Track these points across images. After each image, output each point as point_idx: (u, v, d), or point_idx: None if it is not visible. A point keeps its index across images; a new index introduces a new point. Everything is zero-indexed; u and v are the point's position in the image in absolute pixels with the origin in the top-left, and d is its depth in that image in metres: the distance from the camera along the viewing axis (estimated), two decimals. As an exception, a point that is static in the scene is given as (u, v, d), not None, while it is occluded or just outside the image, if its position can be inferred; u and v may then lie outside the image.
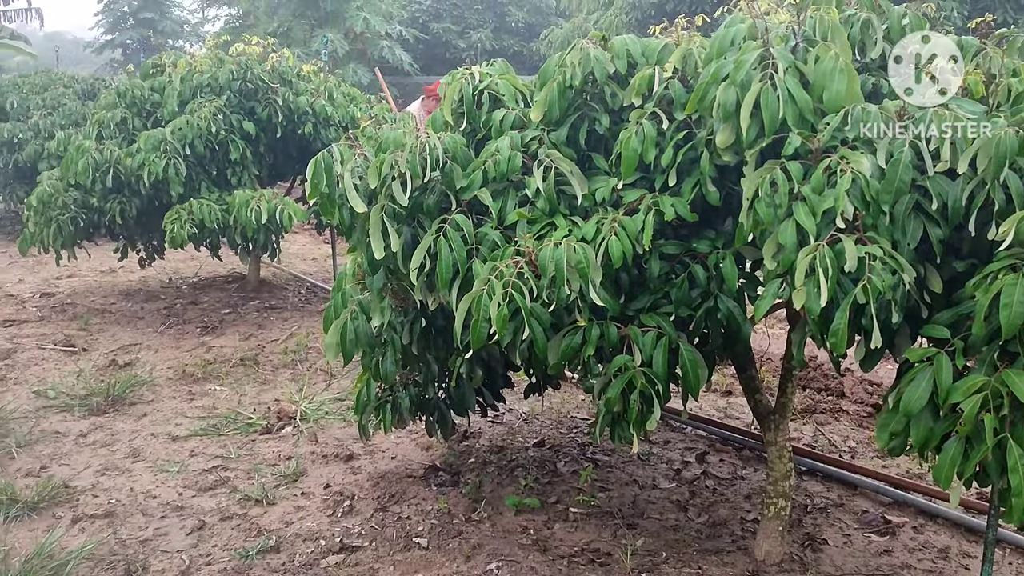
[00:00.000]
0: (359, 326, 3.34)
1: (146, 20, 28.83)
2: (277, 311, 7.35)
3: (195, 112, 6.46)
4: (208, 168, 6.56)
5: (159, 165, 6.17)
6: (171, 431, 4.80)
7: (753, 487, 4.17)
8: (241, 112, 6.69)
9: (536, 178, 2.78)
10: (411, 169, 2.76)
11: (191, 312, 7.27)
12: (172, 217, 6.17)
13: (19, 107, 10.52)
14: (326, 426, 4.89)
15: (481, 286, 2.61)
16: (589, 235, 2.66)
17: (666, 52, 2.85)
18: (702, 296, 2.72)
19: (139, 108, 6.82)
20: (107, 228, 6.81)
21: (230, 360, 6.01)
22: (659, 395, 2.67)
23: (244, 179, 6.67)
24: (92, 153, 6.32)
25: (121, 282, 8.40)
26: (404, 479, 4.20)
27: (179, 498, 4.02)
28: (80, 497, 4.02)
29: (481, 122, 3.10)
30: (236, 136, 6.55)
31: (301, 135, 6.89)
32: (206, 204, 6.21)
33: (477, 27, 23.09)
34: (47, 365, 5.92)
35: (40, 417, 4.97)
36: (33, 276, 8.56)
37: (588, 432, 4.86)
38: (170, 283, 8.36)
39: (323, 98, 6.99)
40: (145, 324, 6.92)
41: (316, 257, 9.69)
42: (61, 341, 6.37)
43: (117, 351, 6.22)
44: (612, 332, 2.67)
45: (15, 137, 9.90)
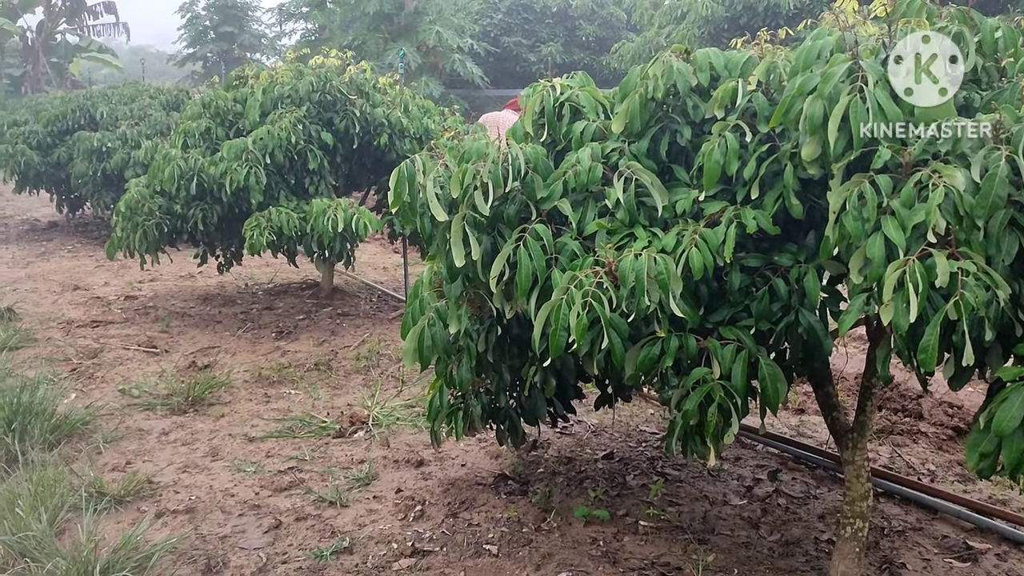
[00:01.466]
0: (436, 333, 3.39)
1: (226, 34, 29.75)
2: (349, 318, 7.49)
3: (276, 122, 6.65)
4: (287, 177, 6.74)
5: (240, 173, 6.36)
6: (248, 432, 4.93)
7: (827, 507, 4.09)
8: (320, 123, 6.86)
9: (616, 189, 2.79)
10: (493, 179, 2.80)
11: (266, 317, 7.46)
12: (252, 224, 6.34)
13: (108, 117, 10.97)
14: (397, 432, 4.96)
15: (560, 295, 2.63)
16: (669, 246, 2.67)
17: (749, 65, 2.85)
18: (783, 310, 2.69)
19: (222, 118, 7.05)
20: (189, 234, 7.04)
21: (304, 365, 6.15)
22: (737, 409, 2.65)
23: (321, 188, 6.83)
24: (177, 161, 6.56)
25: (200, 287, 8.67)
26: (474, 486, 4.24)
27: (256, 497, 4.13)
28: (163, 493, 4.16)
29: (561, 133, 3.13)
30: (314, 146, 6.72)
31: (376, 146, 7.03)
32: (284, 212, 6.37)
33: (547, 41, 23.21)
34: (131, 365, 6.14)
35: (125, 415, 5.16)
36: (118, 279, 8.90)
37: (658, 446, 4.83)
38: (246, 289, 8.60)
39: (399, 110, 7.12)
40: (223, 328, 7.13)
41: (387, 266, 9.86)
42: (144, 342, 6.61)
43: (196, 353, 6.42)
44: (691, 344, 2.66)
45: (104, 146, 10.31)
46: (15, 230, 12.08)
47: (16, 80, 29.15)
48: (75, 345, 6.53)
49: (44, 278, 8.97)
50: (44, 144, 11.28)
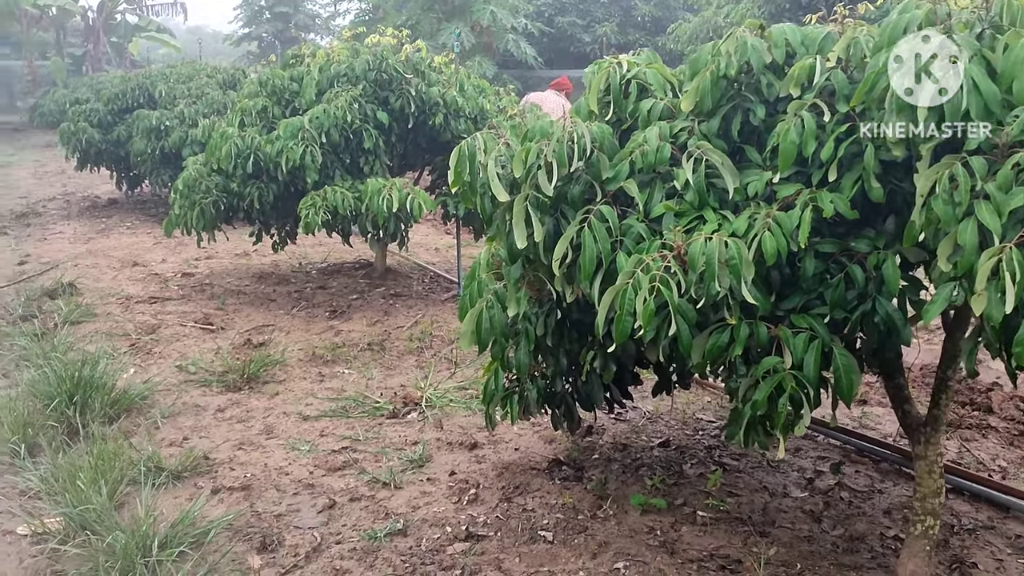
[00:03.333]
0: (494, 316, 3.33)
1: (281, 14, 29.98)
2: (402, 299, 7.48)
3: (332, 101, 6.64)
4: (342, 156, 6.73)
5: (296, 152, 6.36)
6: (302, 411, 4.94)
7: (893, 502, 3.95)
8: (375, 102, 6.83)
9: (685, 170, 2.69)
10: (558, 158, 2.72)
11: (320, 296, 7.48)
12: (307, 203, 6.35)
13: (166, 96, 11.10)
14: (450, 414, 4.93)
15: (626, 279, 2.54)
16: (740, 230, 2.56)
17: (828, 41, 2.71)
18: (859, 298, 2.58)
19: (279, 97, 7.06)
20: (245, 212, 7.08)
21: (357, 344, 6.15)
22: (809, 400, 2.54)
23: (376, 168, 6.81)
24: (235, 140, 6.58)
25: (254, 265, 8.74)
26: (528, 471, 4.19)
27: (310, 476, 4.13)
28: (219, 469, 4.19)
29: (628, 112, 3.04)
30: (370, 125, 6.70)
31: (431, 126, 6.98)
32: (339, 191, 6.36)
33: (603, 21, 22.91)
34: (188, 341, 6.21)
35: (182, 391, 5.21)
36: (175, 256, 9.02)
37: (715, 435, 4.73)
38: (300, 268, 8.65)
39: (454, 89, 7.06)
40: (277, 306, 7.17)
41: (439, 247, 9.83)
42: (200, 319, 6.67)
43: (251, 331, 6.47)
44: (762, 332, 2.56)
45: (162, 124, 10.43)
46: (76, 207, 12.32)
47: (77, 59, 29.72)
48: (133, 320, 6.63)
49: (104, 254, 9.13)
50: (104, 122, 11.46)
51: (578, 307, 3.22)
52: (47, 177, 15.39)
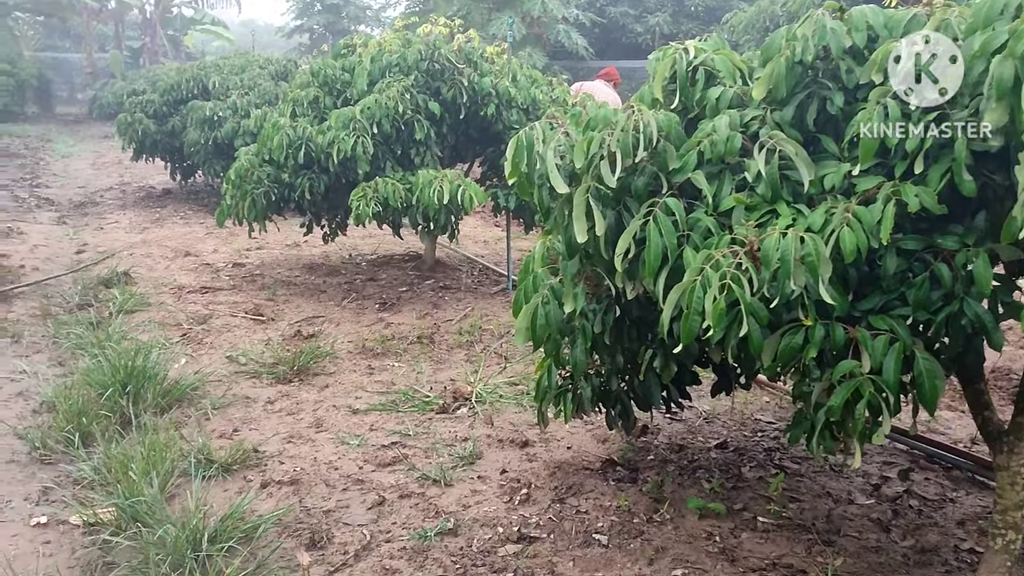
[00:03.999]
0: (550, 312, 3.22)
1: (332, 6, 30.13)
2: (451, 291, 7.41)
3: (383, 91, 6.58)
4: (393, 147, 6.67)
5: (348, 143, 6.32)
6: (351, 404, 4.89)
7: (967, 512, 3.76)
8: (427, 92, 6.76)
9: (758, 161, 2.55)
10: (622, 148, 2.59)
11: (370, 288, 7.45)
12: (358, 195, 6.30)
13: (219, 87, 11.18)
14: (501, 410, 4.84)
15: (694, 276, 2.41)
16: (816, 225, 2.41)
17: (915, 23, 2.54)
18: (944, 298, 2.41)
19: (330, 87, 7.02)
20: (296, 203, 7.07)
21: (407, 337, 6.09)
22: (889, 406, 2.39)
23: (427, 159, 6.74)
24: (286, 130, 6.56)
25: (305, 256, 8.75)
26: (581, 471, 4.08)
27: (359, 471, 4.07)
28: (268, 463, 4.15)
29: (695, 100, 2.90)
30: (421, 116, 6.62)
31: (483, 117, 6.88)
32: (390, 183, 6.30)
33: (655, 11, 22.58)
34: (238, 332, 6.21)
35: (232, 382, 5.20)
36: (226, 247, 9.07)
37: (775, 436, 4.56)
38: (350, 259, 8.63)
39: (506, 79, 6.95)
40: (327, 297, 7.15)
41: (487, 240, 9.75)
42: (251, 310, 6.68)
43: (301, 322, 6.45)
44: (838, 334, 2.41)
45: (215, 115, 10.51)
46: (132, 196, 12.50)
47: (135, 52, 30.28)
48: (185, 310, 6.65)
49: (158, 244, 9.22)
50: (160, 113, 11.60)
51: (638, 304, 3.09)
52: (105, 167, 15.66)
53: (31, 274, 7.69)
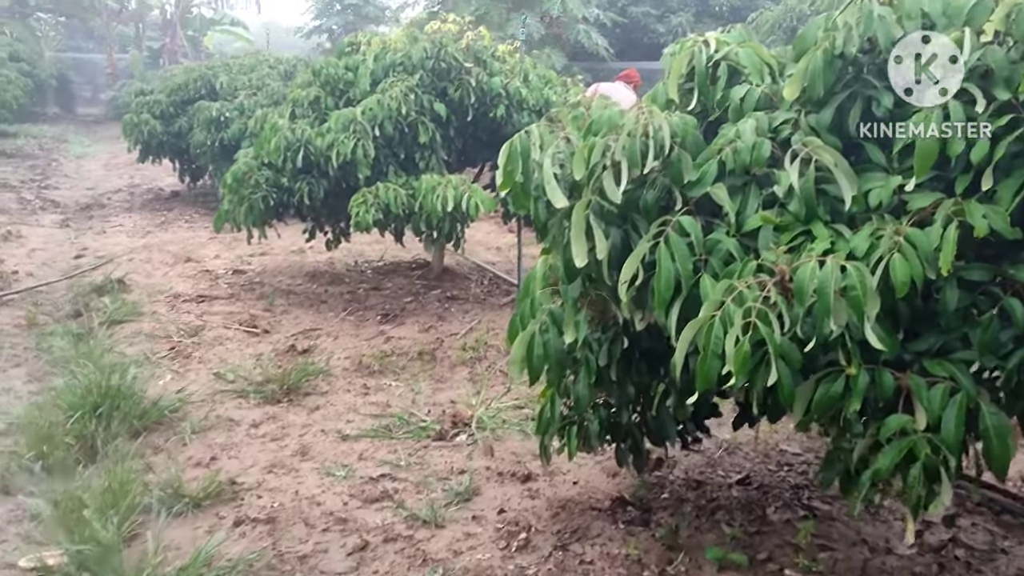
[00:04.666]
0: (549, 341, 2.83)
1: (351, 6, 29.85)
2: (458, 302, 7.03)
3: (386, 91, 6.21)
4: (396, 151, 6.30)
5: (348, 146, 5.96)
6: (342, 429, 4.52)
7: (1022, 565, 3.33)
8: (432, 93, 6.38)
9: (789, 172, 2.15)
10: (628, 156, 2.20)
11: (373, 298, 7.08)
12: (358, 200, 5.94)
13: (227, 87, 10.88)
14: (503, 437, 4.45)
15: (713, 311, 2.02)
16: (860, 251, 2.01)
17: (980, 9, 2.13)
18: (1016, 341, 2.00)
19: (332, 87, 6.67)
20: (296, 208, 6.72)
21: (407, 353, 5.72)
22: (949, 470, 1.98)
23: (432, 163, 6.37)
24: (285, 132, 6.22)
25: (308, 263, 8.40)
26: (587, 511, 3.68)
27: (344, 508, 3.70)
28: (245, 496, 3.79)
29: (715, 100, 2.49)
30: (426, 118, 6.25)
31: (492, 119, 6.50)
32: (392, 188, 5.94)
33: (678, 11, 22.04)
34: (230, 345, 5.86)
35: (216, 402, 4.85)
36: (229, 252, 8.74)
37: (803, 471, 4.14)
38: (355, 266, 8.26)
39: (517, 79, 6.56)
40: (327, 308, 6.79)
41: (500, 247, 9.34)
42: (246, 321, 6.33)
43: (298, 335, 6.09)
44: (887, 381, 2.00)
45: (222, 116, 10.20)
46: (140, 199, 12.24)
47: (155, 53, 30.21)
48: (178, 321, 6.32)
49: (159, 248, 8.92)
50: (167, 113, 11.31)
51: (649, 334, 2.69)
52: (116, 169, 15.43)
53: (24, 280, 7.41)
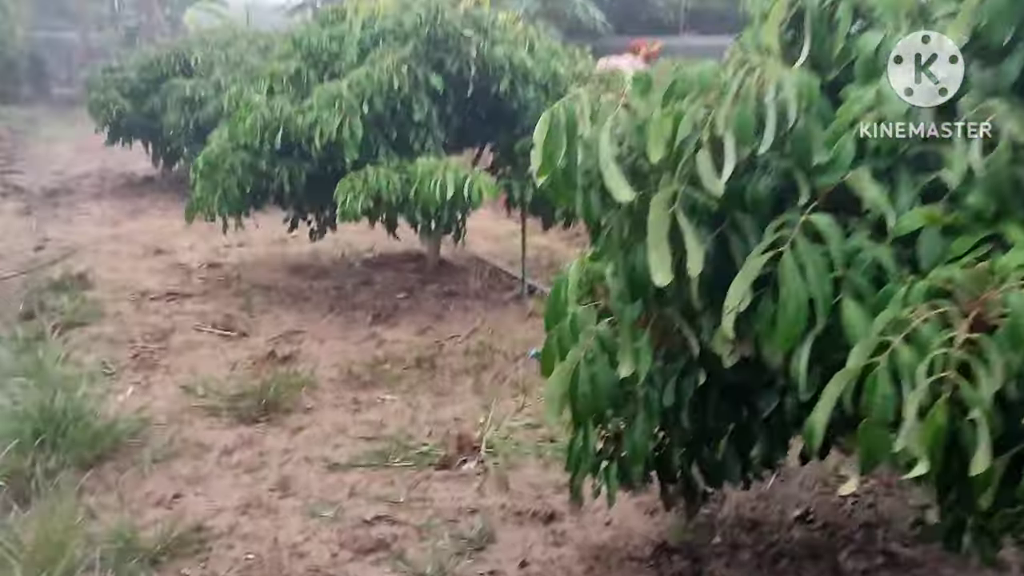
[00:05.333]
0: (598, 374, 2.17)
1: (336, -17, 28.96)
2: (457, 299, 6.37)
3: (376, 63, 5.52)
4: (387, 130, 5.62)
5: (333, 124, 5.27)
6: (329, 456, 3.87)
7: None
8: (428, 64, 5.68)
9: (968, 150, 1.49)
10: (738, 129, 1.54)
11: (362, 294, 6.40)
12: (346, 187, 5.26)
13: (202, 63, 10.11)
14: (518, 464, 3.81)
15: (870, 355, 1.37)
16: (1088, 266, 1.36)
17: None
18: None
19: (315, 59, 5.96)
20: (275, 195, 6.04)
21: (403, 360, 5.05)
22: None
23: (427, 144, 5.68)
24: (262, 110, 5.52)
25: (291, 254, 7.69)
26: (625, 561, 3.07)
27: (331, 562, 3.06)
28: (213, 546, 3.14)
29: (835, 52, 1.83)
30: (421, 92, 5.56)
31: (494, 94, 5.81)
32: (384, 172, 5.26)
33: (676, -16, 21.34)
34: (202, 351, 5.19)
35: (183, 423, 4.17)
36: (204, 243, 8.01)
37: (871, 504, 3.53)
38: (342, 258, 7.56)
39: (523, 49, 5.87)
40: (311, 307, 6.11)
41: (499, 236, 8.59)
42: (220, 322, 5.65)
43: (279, 339, 5.42)
44: None
45: (197, 94, 9.46)
46: (111, 184, 11.46)
47: (131, 31, 29.19)
48: (144, 323, 5.63)
49: (128, 239, 8.20)
50: (137, 92, 10.52)
51: (736, 367, 2.04)
52: (88, 152, 14.56)
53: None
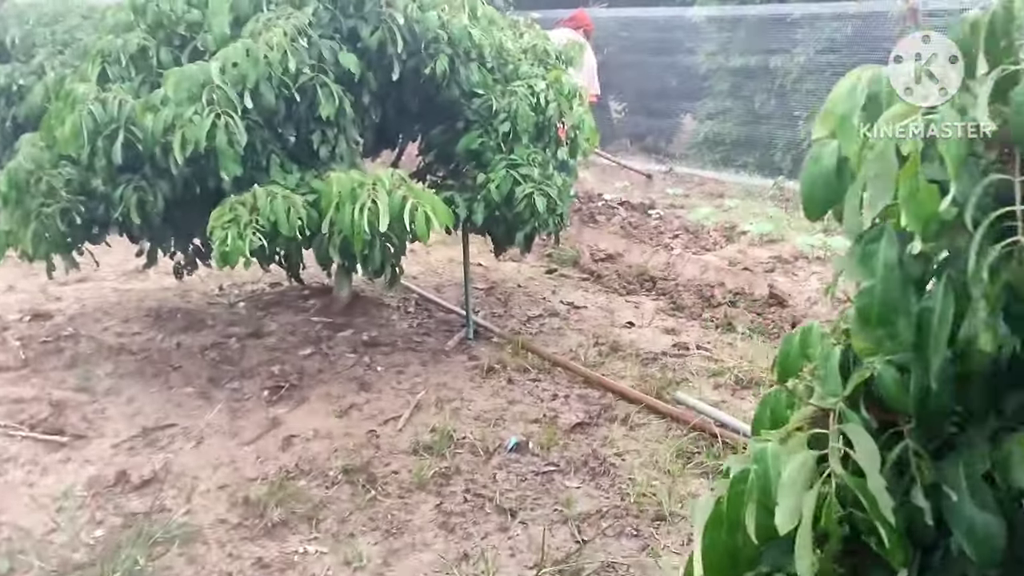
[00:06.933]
0: None
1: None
2: (382, 350, 4.75)
3: (260, 36, 3.82)
4: (283, 131, 3.93)
5: (200, 127, 3.55)
6: None
7: None
8: (337, 37, 4.03)
9: None
10: None
11: (253, 354, 4.69)
12: (224, 217, 3.56)
13: (21, 44, 7.98)
14: None
15: None
16: None
17: None
18: None
19: (168, 31, 4.18)
20: (120, 225, 4.26)
21: (323, 470, 3.44)
22: None
23: (339, 149, 4.03)
24: (89, 105, 3.73)
25: (151, 293, 5.82)
26: None
27: None
28: None
29: None
30: (328, 77, 3.90)
31: (428, 76, 4.21)
32: (280, 195, 3.59)
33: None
34: (9, 477, 3.41)
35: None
36: (28, 282, 5.97)
37: None
38: (221, 294, 5.76)
39: (464, 14, 4.28)
40: (182, 379, 4.36)
41: (429, 250, 6.70)
42: (43, 420, 3.84)
43: (133, 443, 3.68)
44: None
45: (14, 84, 7.38)
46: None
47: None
48: (-80, 429, 3.78)
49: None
50: (-67, 83, 8.27)
51: None
52: None
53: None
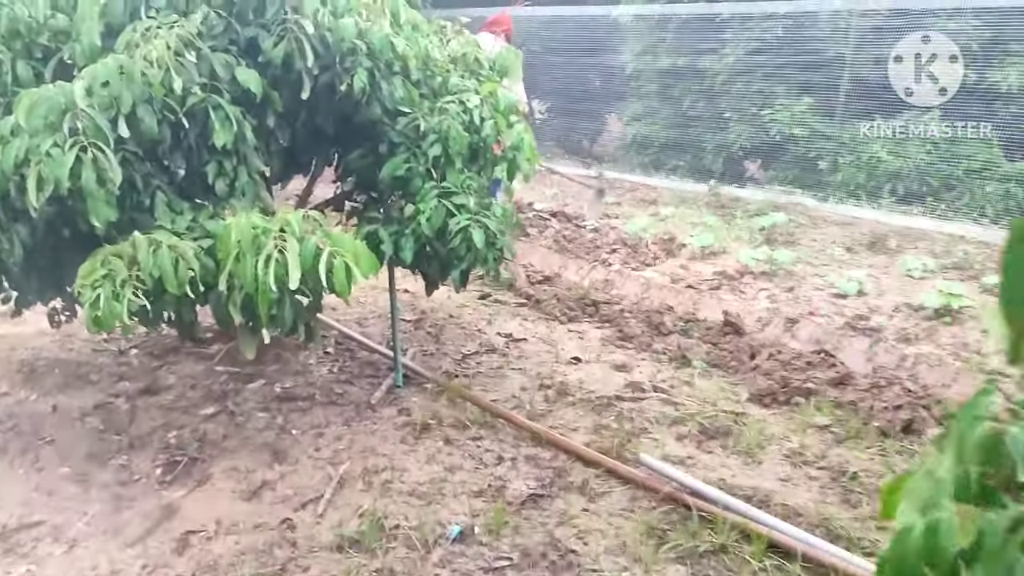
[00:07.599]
0: None
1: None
2: (299, 406, 4.13)
3: (137, 48, 3.14)
4: (170, 164, 3.26)
5: (62, 163, 2.86)
6: None
7: None
8: (233, 49, 3.37)
9: None
10: None
11: (144, 417, 4.00)
12: (95, 274, 2.89)
13: None
14: None
15: None
16: None
17: None
18: None
19: (26, 41, 3.45)
20: (-27, 275, 3.53)
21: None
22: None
23: (240, 182, 3.38)
24: (-80, 135, 3.00)
25: (25, 340, 5.01)
26: None
27: None
28: None
29: None
30: (224, 98, 3.24)
31: (345, 93, 3.59)
32: (167, 243, 2.94)
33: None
34: None
35: None
36: None
37: None
38: (107, 341, 5.01)
39: (385, 21, 3.68)
40: (55, 458, 3.65)
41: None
42: None
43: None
44: None
45: None
46: None
47: None
48: None
49: None
50: None
51: None
52: None
53: None
